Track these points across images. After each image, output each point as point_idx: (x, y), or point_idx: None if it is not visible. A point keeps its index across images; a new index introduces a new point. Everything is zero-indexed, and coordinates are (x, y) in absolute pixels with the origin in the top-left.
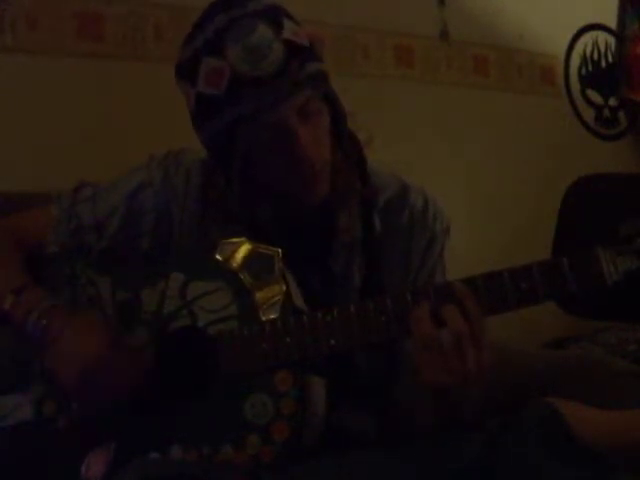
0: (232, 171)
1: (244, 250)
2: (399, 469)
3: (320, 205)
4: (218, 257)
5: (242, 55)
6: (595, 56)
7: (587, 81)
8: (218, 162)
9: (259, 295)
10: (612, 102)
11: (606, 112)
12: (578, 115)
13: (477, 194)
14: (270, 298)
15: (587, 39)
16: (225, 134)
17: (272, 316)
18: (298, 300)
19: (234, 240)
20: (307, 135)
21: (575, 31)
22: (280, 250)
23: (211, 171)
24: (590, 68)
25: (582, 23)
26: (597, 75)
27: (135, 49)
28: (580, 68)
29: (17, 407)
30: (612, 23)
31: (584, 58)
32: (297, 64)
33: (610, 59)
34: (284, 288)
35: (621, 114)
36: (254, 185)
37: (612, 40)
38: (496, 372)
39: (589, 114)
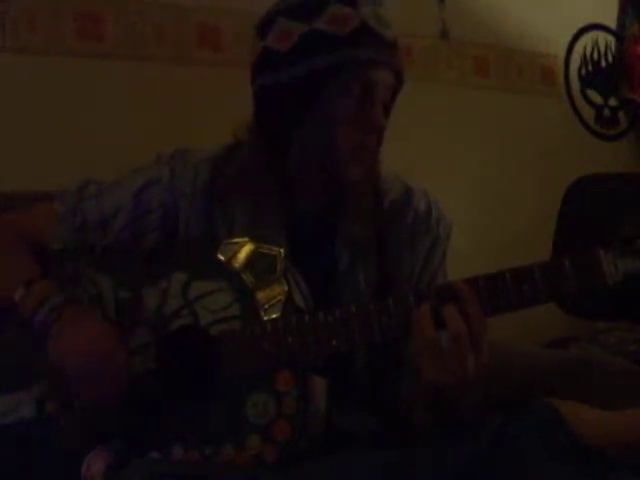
0: (303, 121)
1: (246, 250)
2: (400, 468)
3: (322, 206)
4: (220, 257)
5: (373, 14)
6: (595, 56)
7: (587, 81)
8: (282, 113)
9: (261, 295)
10: (612, 102)
11: (606, 112)
12: (578, 115)
13: (477, 194)
14: (272, 298)
15: (587, 39)
16: (320, 76)
17: (274, 316)
18: (300, 300)
19: (237, 240)
20: (381, 112)
21: (575, 31)
22: (282, 250)
23: (223, 163)
24: (590, 68)
25: (582, 23)
26: (597, 75)
27: (135, 49)
28: (580, 68)
29: (18, 405)
30: (612, 23)
31: (584, 58)
32: (399, 53)
33: (610, 59)
34: (286, 288)
35: (621, 114)
36: (313, 143)
37: (612, 40)
38: (496, 372)
39: (589, 114)
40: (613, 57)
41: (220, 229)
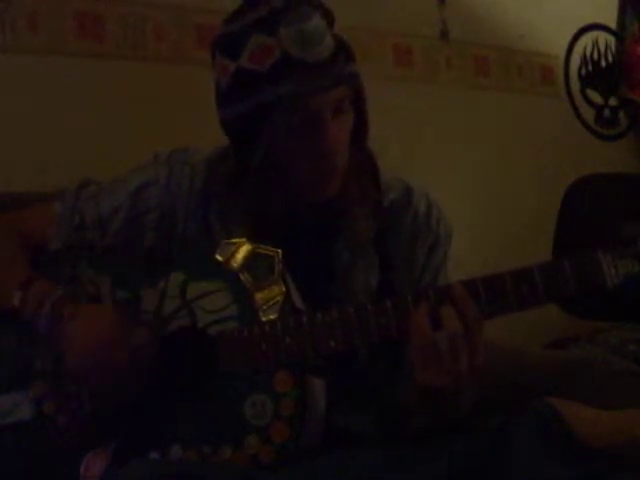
0: (253, 157)
1: (244, 250)
2: (398, 469)
3: (325, 205)
4: (218, 257)
5: (295, 38)
6: (595, 56)
7: (587, 81)
8: (238, 147)
9: (259, 296)
10: (612, 102)
11: (606, 112)
12: (578, 115)
13: (477, 194)
14: (270, 299)
15: (587, 39)
16: (257, 114)
17: (272, 317)
18: (298, 301)
19: (234, 240)
20: (335, 131)
21: (575, 31)
22: (280, 251)
23: (217, 166)
24: (590, 68)
25: (582, 23)
26: (597, 75)
27: (135, 49)
28: (580, 68)
29: (17, 406)
30: (612, 23)
31: (584, 58)
32: (343, 59)
33: (610, 59)
34: (284, 289)
35: (621, 114)
36: (271, 174)
37: (612, 40)
38: (496, 372)
39: (589, 114)
40: (613, 57)
41: (217, 230)
